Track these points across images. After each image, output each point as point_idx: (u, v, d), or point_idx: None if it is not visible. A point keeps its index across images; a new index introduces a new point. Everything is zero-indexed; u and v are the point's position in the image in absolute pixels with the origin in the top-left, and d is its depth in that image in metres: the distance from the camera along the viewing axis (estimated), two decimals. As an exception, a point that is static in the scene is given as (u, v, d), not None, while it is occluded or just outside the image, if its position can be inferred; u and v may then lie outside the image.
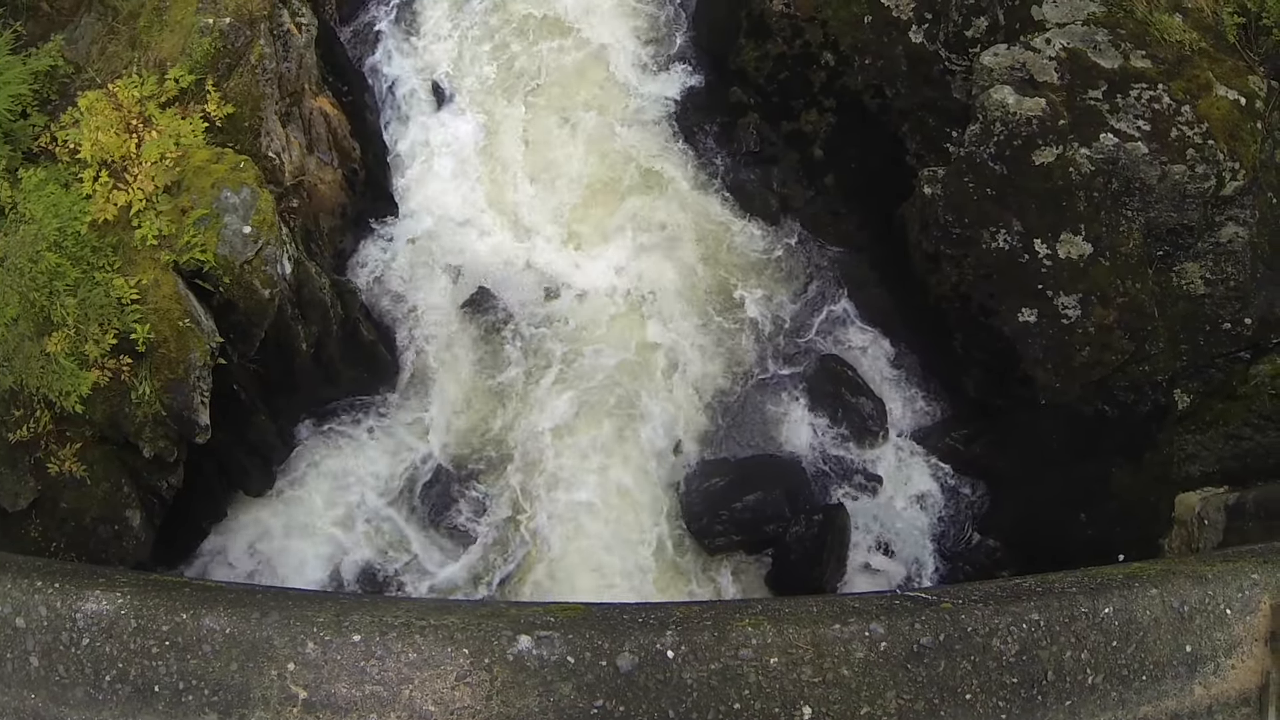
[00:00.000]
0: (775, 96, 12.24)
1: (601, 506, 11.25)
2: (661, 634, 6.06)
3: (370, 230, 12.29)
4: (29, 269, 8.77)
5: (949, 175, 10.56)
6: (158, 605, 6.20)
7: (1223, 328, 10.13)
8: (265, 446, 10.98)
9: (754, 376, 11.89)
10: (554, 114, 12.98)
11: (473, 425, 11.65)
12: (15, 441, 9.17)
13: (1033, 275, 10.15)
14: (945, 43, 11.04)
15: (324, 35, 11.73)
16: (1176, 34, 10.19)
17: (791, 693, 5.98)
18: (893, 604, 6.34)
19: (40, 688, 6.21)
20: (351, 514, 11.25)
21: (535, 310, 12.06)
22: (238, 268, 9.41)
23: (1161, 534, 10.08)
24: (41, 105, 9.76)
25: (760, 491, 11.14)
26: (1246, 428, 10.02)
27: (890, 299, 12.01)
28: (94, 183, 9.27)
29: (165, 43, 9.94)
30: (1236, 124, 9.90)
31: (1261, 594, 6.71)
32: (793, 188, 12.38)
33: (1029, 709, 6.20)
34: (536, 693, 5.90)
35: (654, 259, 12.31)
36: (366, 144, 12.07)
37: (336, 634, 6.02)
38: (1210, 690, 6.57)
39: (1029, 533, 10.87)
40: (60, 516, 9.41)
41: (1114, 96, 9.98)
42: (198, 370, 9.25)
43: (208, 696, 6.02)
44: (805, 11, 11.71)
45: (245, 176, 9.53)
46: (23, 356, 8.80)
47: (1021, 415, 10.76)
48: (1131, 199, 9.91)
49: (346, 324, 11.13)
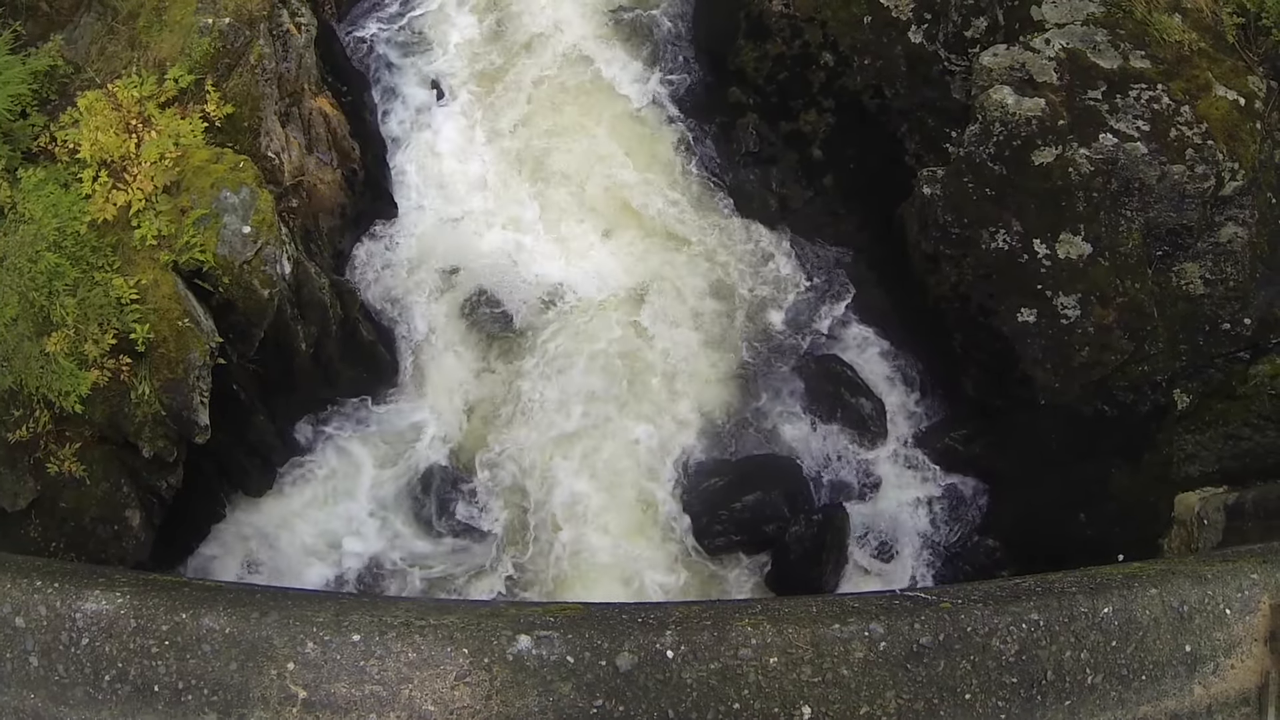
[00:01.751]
0: (774, 97, 12.24)
1: (600, 506, 11.24)
2: (661, 634, 6.07)
3: (370, 230, 12.27)
4: (28, 269, 8.76)
5: (948, 175, 10.57)
6: (157, 605, 6.20)
7: (1222, 328, 10.14)
8: (265, 446, 10.96)
9: (753, 376, 11.88)
10: (554, 114, 12.97)
11: (472, 425, 11.65)
12: (14, 441, 9.15)
13: (1032, 275, 10.15)
14: (944, 43, 11.05)
15: (323, 35, 11.73)
16: (1176, 34, 10.20)
17: (791, 692, 5.99)
18: (892, 604, 6.35)
19: (40, 687, 6.22)
20: (351, 514, 11.25)
21: (534, 310, 12.05)
22: (237, 268, 9.41)
23: (1161, 534, 10.07)
24: (41, 105, 9.75)
25: (759, 492, 11.13)
26: (1246, 428, 10.01)
27: (889, 299, 12.00)
28: (93, 183, 9.26)
29: (164, 43, 9.94)
30: (1236, 124, 9.90)
31: (1261, 594, 6.72)
32: (792, 188, 12.37)
33: (1028, 709, 6.20)
34: (536, 692, 5.91)
35: (653, 260, 12.30)
36: (366, 144, 12.06)
37: (336, 633, 6.03)
38: (1210, 690, 6.58)
39: (1028, 533, 10.86)
40: (60, 516, 9.40)
41: (1113, 97, 9.99)
42: (197, 370, 9.25)
43: (207, 696, 6.03)
44: (804, 12, 11.72)
45: (244, 176, 9.53)
46: (22, 356, 8.79)
47: (1021, 415, 10.76)
48: (1131, 199, 9.91)
49: (346, 324, 11.12)
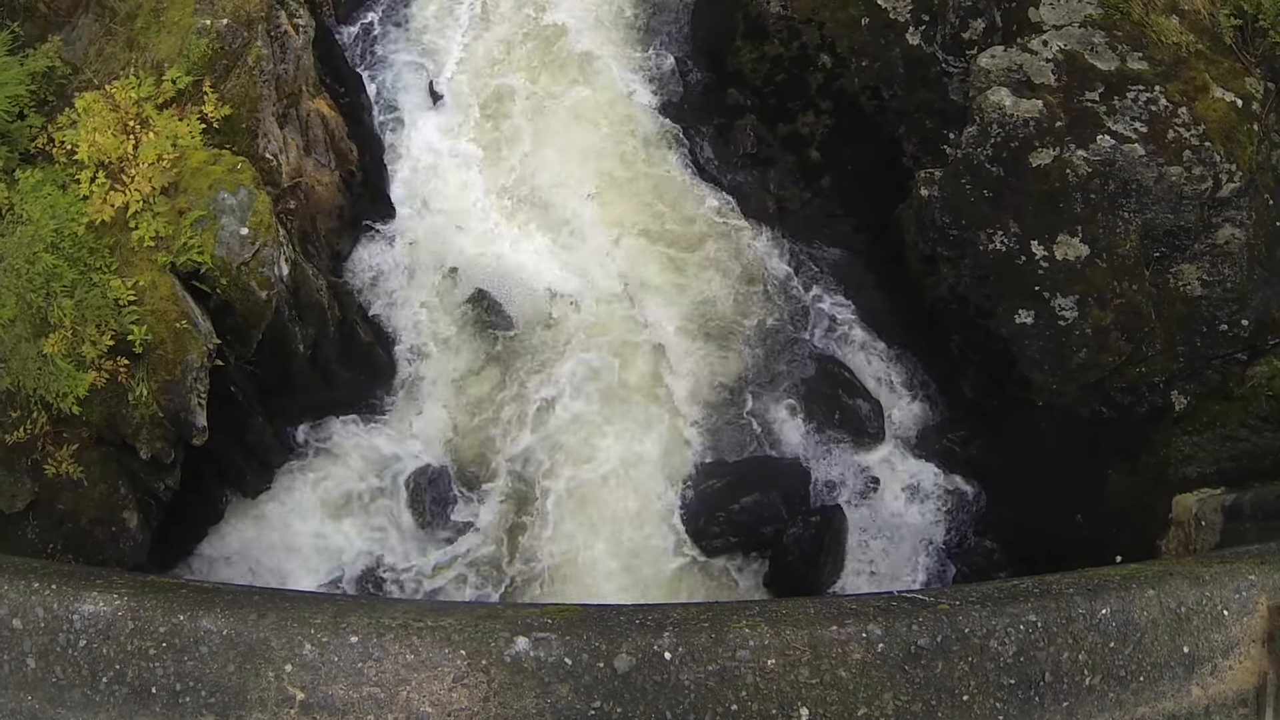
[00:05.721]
0: (772, 98, 12.26)
1: (598, 508, 11.25)
2: (659, 635, 6.07)
3: (367, 232, 12.28)
4: (26, 270, 8.75)
5: (946, 177, 10.57)
6: (155, 607, 6.20)
7: (1219, 329, 10.15)
8: (262, 448, 10.95)
9: (751, 378, 11.88)
10: (551, 116, 12.97)
11: (470, 427, 11.64)
12: (12, 443, 9.14)
13: (1029, 277, 10.16)
14: (942, 44, 11.06)
15: (321, 36, 11.74)
16: (1173, 36, 10.21)
17: (789, 694, 5.99)
18: (890, 605, 6.35)
19: (37, 689, 6.21)
20: (349, 515, 11.23)
21: (532, 312, 12.05)
22: (235, 269, 9.40)
23: (1159, 535, 10.07)
24: (39, 106, 9.75)
25: (758, 493, 11.14)
26: (1243, 429, 10.02)
27: (887, 301, 12.01)
28: (91, 184, 9.26)
29: (162, 44, 9.94)
30: (1233, 126, 9.91)
31: (1259, 595, 6.73)
32: (789, 189, 12.38)
33: (1026, 710, 6.20)
34: (534, 694, 5.91)
35: (651, 261, 12.31)
36: (364, 146, 12.07)
37: (334, 635, 6.03)
38: (1208, 691, 6.59)
39: (1026, 534, 10.86)
40: (57, 518, 9.39)
41: (1111, 98, 9.99)
42: (195, 372, 9.24)
43: (205, 698, 6.02)
44: (802, 13, 11.73)
45: (242, 178, 9.53)
46: (20, 358, 8.77)
47: (1018, 417, 10.77)
48: (1128, 200, 9.92)
49: (343, 326, 11.12)
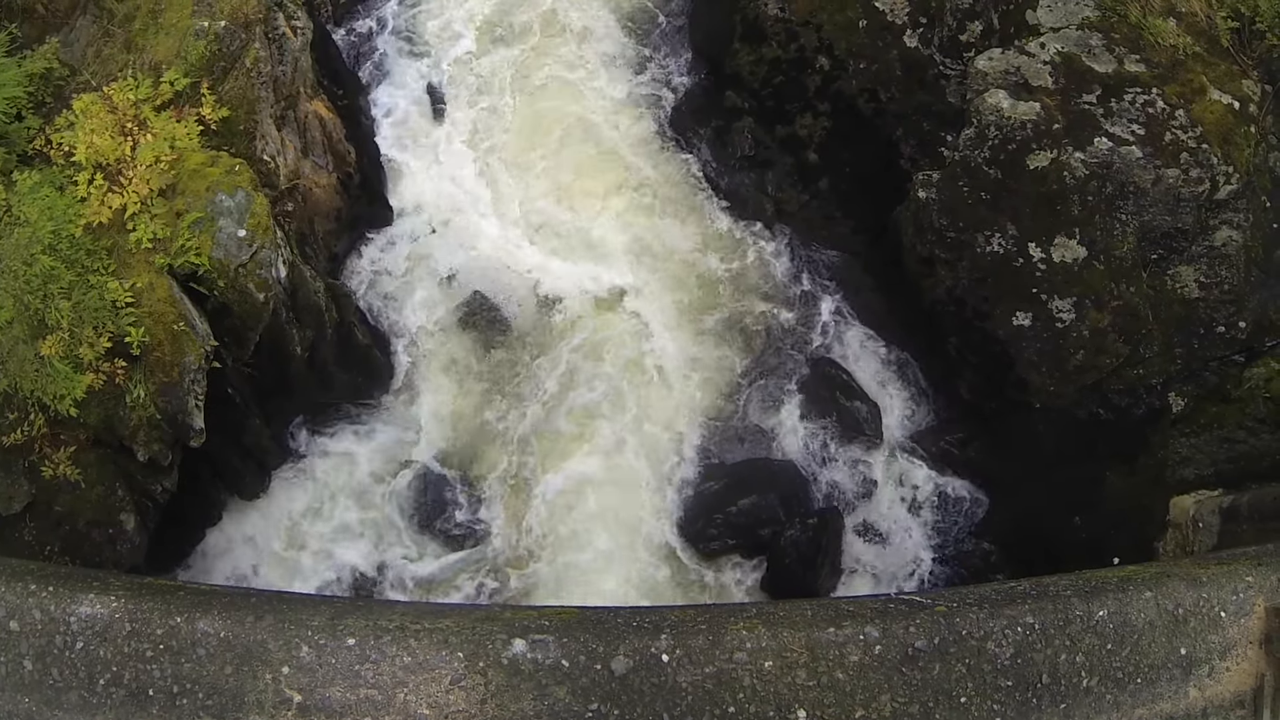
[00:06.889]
0: (770, 100, 12.26)
1: (596, 510, 11.24)
2: (656, 638, 6.06)
3: (365, 234, 12.28)
4: (23, 272, 8.75)
5: (943, 179, 10.58)
6: (152, 609, 6.19)
7: (1217, 331, 10.16)
8: (260, 450, 10.95)
9: (749, 380, 11.89)
10: (550, 119, 12.98)
11: (467, 429, 11.64)
12: (9, 445, 9.13)
13: (1027, 279, 10.16)
14: (940, 47, 11.07)
15: (319, 38, 11.73)
16: (1170, 38, 10.23)
17: (786, 696, 5.98)
18: (887, 607, 6.35)
19: (34, 691, 6.20)
20: (346, 518, 11.23)
21: (530, 315, 12.05)
22: (232, 271, 9.40)
23: (1156, 537, 10.08)
24: (36, 108, 9.74)
25: (755, 495, 11.14)
26: (1241, 431, 10.03)
27: (885, 303, 12.01)
28: (88, 186, 9.25)
29: (160, 46, 9.93)
30: (1230, 128, 9.93)
31: (1256, 596, 6.73)
32: (787, 192, 12.38)
33: (1024, 712, 6.20)
34: (531, 696, 5.90)
35: (649, 264, 12.32)
36: (361, 148, 12.06)
37: (331, 637, 6.02)
38: (1205, 693, 6.59)
39: (1024, 536, 10.87)
40: (54, 520, 9.38)
41: (1108, 101, 10.01)
42: (192, 374, 9.24)
43: (202, 700, 6.01)
44: (800, 16, 11.74)
45: (240, 180, 9.52)
46: (17, 360, 8.77)
47: (1016, 419, 10.77)
48: (1125, 203, 9.93)
49: (341, 328, 11.11)
